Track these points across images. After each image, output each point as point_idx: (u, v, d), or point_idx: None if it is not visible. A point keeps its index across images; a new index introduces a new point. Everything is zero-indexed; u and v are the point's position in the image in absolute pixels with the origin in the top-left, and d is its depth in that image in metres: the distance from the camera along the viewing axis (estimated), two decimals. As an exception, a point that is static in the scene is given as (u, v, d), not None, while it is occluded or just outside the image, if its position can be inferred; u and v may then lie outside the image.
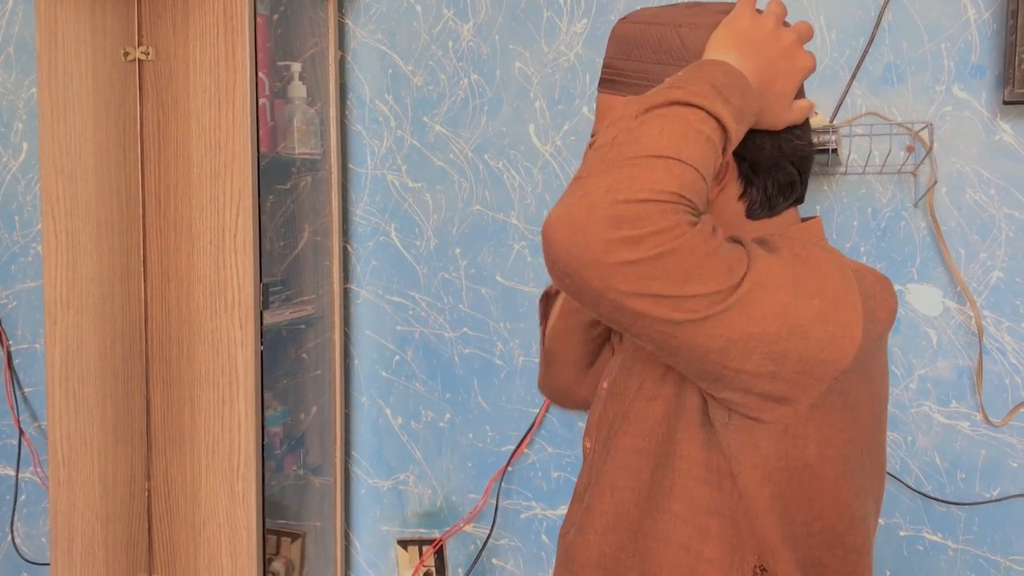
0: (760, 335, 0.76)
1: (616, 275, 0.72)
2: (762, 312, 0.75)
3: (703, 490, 0.87)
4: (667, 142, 0.75)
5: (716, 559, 0.87)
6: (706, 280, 0.74)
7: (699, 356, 0.77)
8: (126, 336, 1.48)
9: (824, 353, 0.78)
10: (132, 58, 1.44)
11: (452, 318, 1.71)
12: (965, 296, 1.42)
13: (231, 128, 1.39)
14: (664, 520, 0.89)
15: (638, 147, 0.75)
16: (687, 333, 0.75)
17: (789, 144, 0.91)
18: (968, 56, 1.41)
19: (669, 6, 0.94)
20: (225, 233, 1.40)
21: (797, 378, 0.79)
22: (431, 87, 1.69)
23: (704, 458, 0.87)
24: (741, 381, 0.79)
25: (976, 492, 1.44)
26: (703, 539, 0.88)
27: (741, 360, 0.77)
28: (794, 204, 0.95)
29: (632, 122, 0.77)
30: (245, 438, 1.40)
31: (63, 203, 1.48)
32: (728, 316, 0.75)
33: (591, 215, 0.72)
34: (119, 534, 1.49)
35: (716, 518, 0.87)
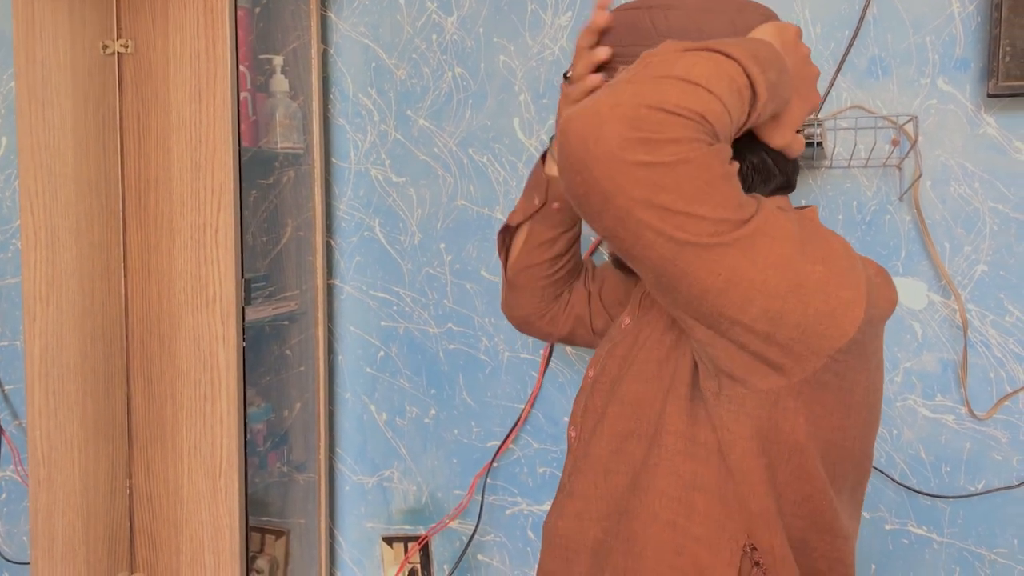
0: (760, 284, 0.75)
1: (628, 176, 0.71)
2: (765, 260, 0.74)
3: (688, 465, 0.86)
4: (700, 73, 0.74)
5: (703, 536, 0.86)
6: (715, 204, 0.73)
7: (698, 293, 0.76)
8: (106, 332, 1.46)
9: (822, 326, 0.77)
10: (111, 51, 1.43)
11: (437, 313, 1.70)
12: (950, 289, 1.43)
13: (212, 122, 1.37)
14: (649, 498, 0.88)
15: (671, 69, 0.74)
16: (688, 258, 0.74)
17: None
18: (952, 49, 1.41)
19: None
20: (206, 228, 1.38)
21: (792, 346, 0.78)
22: (415, 81, 1.68)
23: (691, 433, 0.86)
24: (736, 333, 0.78)
25: (961, 485, 1.45)
26: (689, 516, 0.86)
27: (739, 309, 0.76)
28: (780, 192, 0.95)
29: (668, 55, 0.76)
30: (227, 435, 1.39)
31: (42, 198, 1.47)
32: (730, 252, 0.74)
33: (613, 111, 0.71)
34: (100, 532, 1.48)
35: (702, 494, 0.86)
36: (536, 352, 1.64)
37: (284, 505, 1.73)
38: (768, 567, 0.85)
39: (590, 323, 1.24)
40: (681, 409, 0.87)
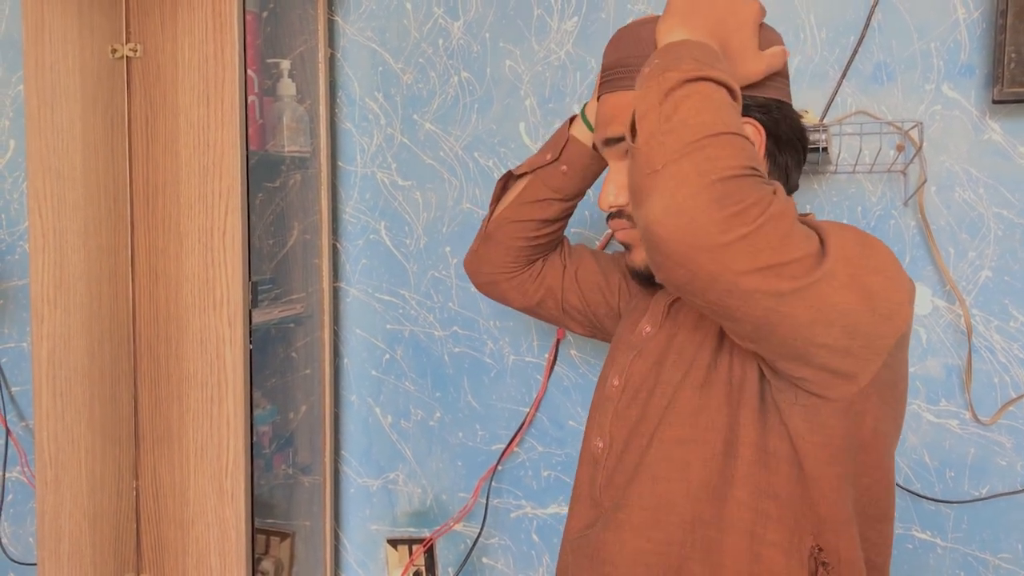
0: (841, 306, 0.77)
1: (732, 254, 0.73)
2: (840, 282, 0.77)
3: (763, 475, 0.89)
4: (711, 119, 0.76)
5: (778, 542, 0.88)
6: (799, 243, 0.75)
7: (791, 334, 0.78)
8: (114, 335, 1.47)
9: (884, 327, 0.80)
10: (120, 55, 1.43)
11: (442, 317, 1.70)
12: (954, 295, 1.43)
13: (220, 126, 1.38)
14: (728, 508, 0.90)
15: (693, 131, 0.75)
16: (790, 305, 0.76)
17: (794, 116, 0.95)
18: (957, 55, 1.41)
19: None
20: (214, 231, 1.39)
21: (863, 352, 0.81)
22: (421, 85, 1.68)
23: (763, 443, 0.89)
24: (821, 357, 0.80)
25: (965, 490, 1.45)
26: (765, 524, 0.89)
27: (824, 334, 0.78)
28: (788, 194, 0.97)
29: (662, 109, 0.77)
30: (234, 437, 1.39)
31: (50, 201, 1.47)
32: (822, 284, 0.76)
33: (696, 200, 0.72)
34: (107, 534, 1.48)
35: (775, 501, 0.88)
36: (541, 355, 1.64)
37: (289, 507, 1.73)
38: (833, 567, 0.88)
39: (561, 298, 1.25)
40: (754, 421, 0.89)
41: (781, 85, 0.96)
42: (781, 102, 0.94)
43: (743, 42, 0.89)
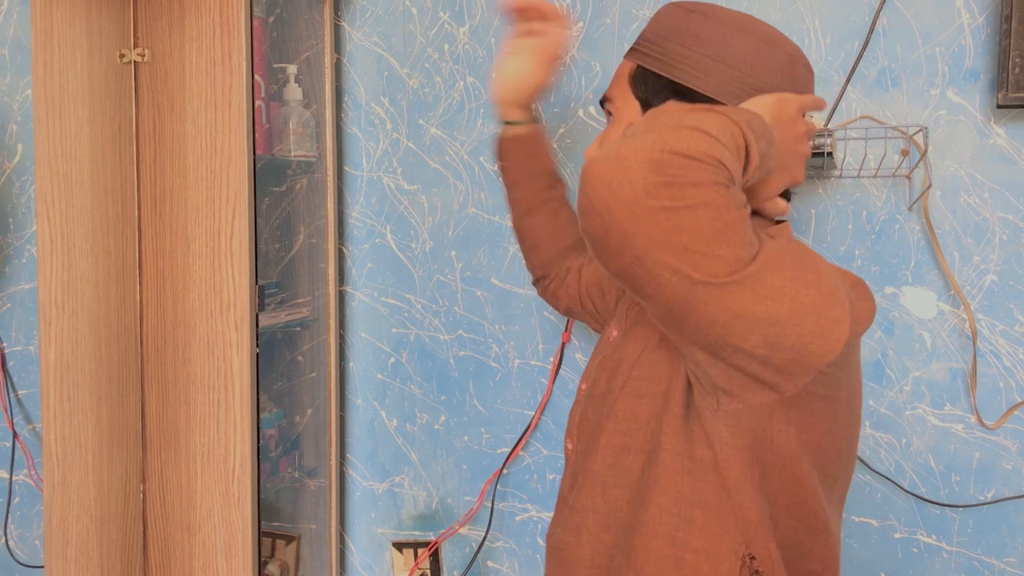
0: (763, 315, 0.77)
1: (650, 219, 0.73)
2: (767, 292, 0.77)
3: (687, 481, 0.90)
4: (711, 125, 0.77)
5: (702, 549, 0.89)
6: (732, 244, 0.75)
7: (704, 325, 0.78)
8: (121, 338, 1.47)
9: (814, 345, 0.80)
10: (128, 60, 1.44)
11: (447, 320, 1.71)
12: (959, 299, 1.43)
13: (227, 130, 1.38)
14: (649, 514, 0.91)
15: (684, 120, 0.77)
16: (701, 295, 0.76)
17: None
18: (962, 60, 1.41)
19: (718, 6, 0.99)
20: (221, 235, 1.39)
21: (786, 366, 0.81)
22: (427, 90, 1.69)
23: (688, 450, 0.90)
24: (736, 358, 0.81)
25: (970, 494, 1.45)
26: (689, 530, 0.90)
27: (741, 338, 0.78)
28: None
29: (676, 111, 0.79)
30: (241, 440, 1.40)
31: (58, 205, 1.48)
32: (740, 288, 0.76)
33: (636, 155, 0.74)
34: (114, 537, 1.49)
35: (700, 508, 0.89)
36: (546, 359, 1.65)
37: (295, 510, 1.74)
38: (767, 574, 0.88)
39: (580, 299, 1.31)
40: (677, 428, 0.90)
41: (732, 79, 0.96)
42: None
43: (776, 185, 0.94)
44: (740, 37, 0.94)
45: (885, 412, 1.48)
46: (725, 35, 0.94)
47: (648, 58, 0.98)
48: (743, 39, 0.94)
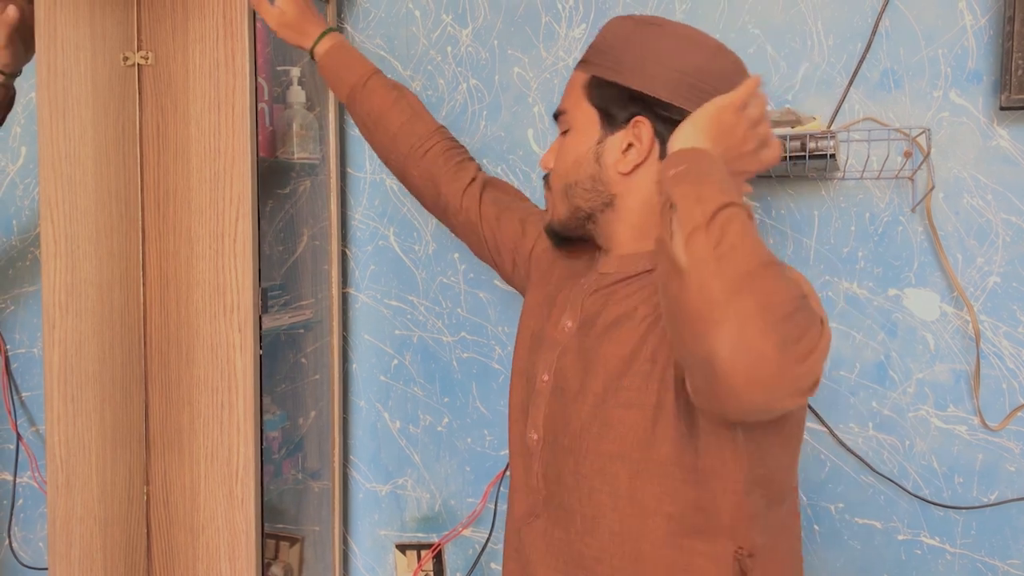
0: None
1: (787, 382, 0.76)
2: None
3: (685, 489, 0.93)
4: (756, 248, 0.79)
5: (706, 551, 0.93)
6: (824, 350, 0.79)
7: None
8: (125, 340, 1.48)
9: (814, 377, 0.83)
10: (131, 63, 1.45)
11: (450, 322, 1.71)
12: (962, 301, 1.43)
13: (231, 133, 1.39)
14: (655, 522, 0.94)
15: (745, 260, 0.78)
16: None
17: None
18: (965, 62, 1.41)
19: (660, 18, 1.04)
20: (224, 237, 1.40)
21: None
22: (430, 92, 1.69)
23: (681, 459, 0.93)
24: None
25: (974, 496, 1.45)
26: (695, 535, 0.93)
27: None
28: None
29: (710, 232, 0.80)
30: (244, 442, 1.40)
31: (62, 207, 1.48)
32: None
33: (764, 340, 0.74)
34: (117, 538, 1.49)
35: (701, 514, 0.93)
36: (549, 361, 1.65)
37: (298, 512, 1.74)
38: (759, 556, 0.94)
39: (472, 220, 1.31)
40: (672, 439, 0.93)
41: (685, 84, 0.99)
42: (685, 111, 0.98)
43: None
44: (692, 48, 0.99)
45: (888, 414, 1.48)
46: (678, 46, 0.99)
47: (603, 68, 1.02)
48: (695, 49, 0.99)
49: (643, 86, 0.98)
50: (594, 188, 1.02)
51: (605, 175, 1.01)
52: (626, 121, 1.00)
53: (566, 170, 1.04)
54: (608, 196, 1.02)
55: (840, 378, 1.50)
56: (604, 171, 1.01)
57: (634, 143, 0.99)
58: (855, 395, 1.49)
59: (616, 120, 1.00)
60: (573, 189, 1.04)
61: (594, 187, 1.02)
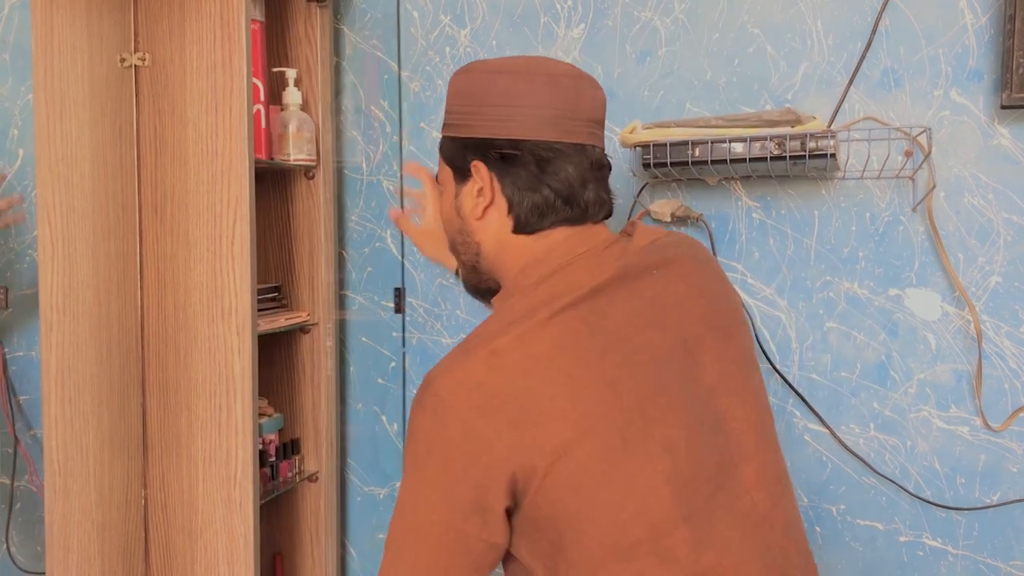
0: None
1: None
2: None
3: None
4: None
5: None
6: None
7: None
8: (122, 343, 1.47)
9: None
10: (128, 64, 1.44)
11: (449, 324, 1.70)
12: (964, 300, 1.42)
13: (228, 134, 1.38)
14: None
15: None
16: None
17: (549, 165, 0.99)
18: (966, 61, 1.41)
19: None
20: (222, 240, 1.39)
21: None
22: (428, 93, 1.69)
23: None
24: None
25: (976, 497, 1.44)
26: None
27: None
28: (568, 224, 1.02)
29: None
30: (242, 445, 1.39)
31: (59, 210, 1.48)
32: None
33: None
34: (116, 542, 1.48)
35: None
36: (549, 363, 1.64)
37: (296, 516, 1.73)
38: None
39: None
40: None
41: (529, 125, 0.99)
42: (531, 142, 0.98)
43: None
44: (496, 77, 1.00)
45: (890, 415, 1.47)
46: (483, 81, 1.00)
47: (446, 127, 1.06)
48: (498, 78, 0.99)
49: (467, 132, 1.01)
50: (464, 240, 1.05)
51: (468, 226, 1.04)
52: (469, 169, 1.02)
53: (444, 231, 1.09)
54: (475, 245, 1.05)
55: (841, 379, 1.49)
56: (465, 222, 1.04)
57: (483, 187, 1.01)
58: (856, 396, 1.48)
59: (462, 170, 1.03)
60: (454, 246, 1.08)
61: (464, 239, 1.05)
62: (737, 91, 1.50)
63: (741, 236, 1.52)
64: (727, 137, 1.36)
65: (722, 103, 1.51)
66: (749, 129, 1.36)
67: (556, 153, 0.99)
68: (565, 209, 1.00)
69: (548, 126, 0.99)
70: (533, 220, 1.00)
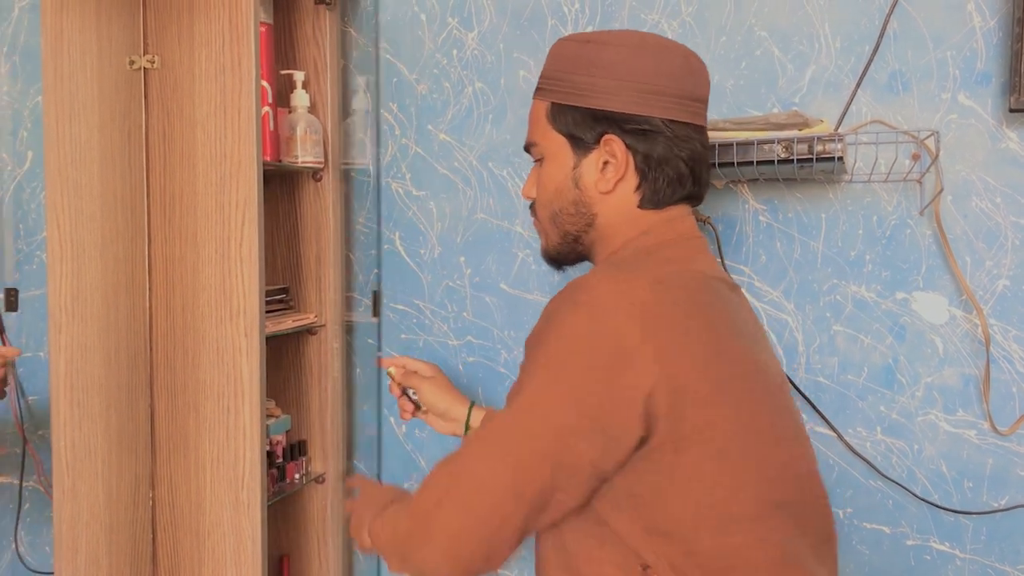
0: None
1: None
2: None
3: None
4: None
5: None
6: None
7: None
8: (131, 345, 1.47)
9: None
10: (137, 67, 1.44)
11: (456, 326, 1.70)
12: (971, 304, 1.42)
13: (236, 136, 1.38)
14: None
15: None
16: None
17: (683, 143, 1.02)
18: (974, 64, 1.41)
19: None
20: (230, 241, 1.39)
21: None
22: (435, 95, 1.69)
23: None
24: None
25: (984, 501, 1.44)
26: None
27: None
28: (687, 202, 1.06)
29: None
30: (250, 447, 1.40)
31: (68, 212, 1.48)
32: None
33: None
34: (123, 543, 1.49)
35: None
36: (555, 365, 1.64)
37: (303, 517, 1.73)
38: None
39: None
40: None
41: (665, 104, 1.01)
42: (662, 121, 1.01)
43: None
44: (636, 53, 1.01)
45: (896, 418, 1.47)
46: (623, 55, 1.01)
47: (560, 94, 1.05)
48: (639, 54, 1.01)
49: (600, 103, 1.01)
50: (578, 211, 1.06)
51: (586, 197, 1.05)
52: (595, 141, 1.03)
53: (549, 199, 1.08)
54: (590, 216, 1.06)
55: (848, 382, 1.49)
56: (584, 193, 1.05)
57: (609, 160, 1.03)
58: (863, 399, 1.48)
59: (584, 142, 1.04)
60: (559, 216, 1.07)
61: (578, 210, 1.06)
62: (744, 94, 1.50)
63: (748, 239, 1.52)
64: (734, 140, 1.36)
65: (729, 106, 1.51)
66: (756, 132, 1.37)
67: (687, 132, 1.02)
68: (691, 187, 1.04)
69: (682, 107, 1.02)
70: (664, 196, 1.03)
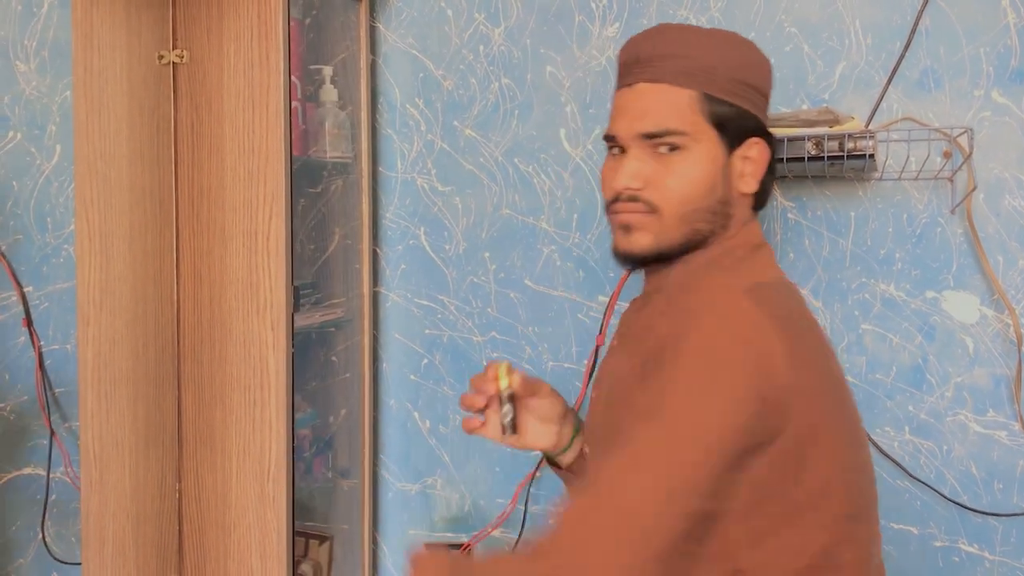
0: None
1: None
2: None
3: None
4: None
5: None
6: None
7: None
8: (158, 338, 1.48)
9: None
10: (166, 61, 1.45)
11: (481, 322, 1.70)
12: (1003, 303, 1.40)
13: (264, 131, 1.39)
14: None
15: None
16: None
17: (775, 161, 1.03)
18: (1008, 60, 1.39)
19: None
20: (258, 236, 1.40)
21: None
22: (462, 91, 1.69)
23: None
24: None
25: (1014, 503, 1.42)
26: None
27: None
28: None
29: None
30: (276, 440, 1.40)
31: (97, 205, 1.49)
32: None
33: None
34: (150, 535, 1.50)
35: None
36: (580, 362, 1.64)
37: (328, 510, 1.74)
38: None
39: None
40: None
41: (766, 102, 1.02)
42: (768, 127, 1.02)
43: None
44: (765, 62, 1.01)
45: (925, 418, 1.45)
46: (762, 58, 1.01)
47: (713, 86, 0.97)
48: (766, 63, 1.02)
49: (750, 107, 0.98)
50: (722, 211, 0.98)
51: (730, 196, 0.98)
52: (740, 140, 0.98)
53: (688, 195, 0.96)
54: (727, 217, 0.98)
55: (876, 381, 1.47)
56: (731, 192, 0.98)
57: (756, 167, 0.99)
58: (891, 398, 1.47)
59: (731, 140, 0.97)
60: (697, 213, 0.96)
61: (722, 209, 0.97)
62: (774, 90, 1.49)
63: (776, 236, 1.51)
64: (764, 137, 1.35)
65: (758, 102, 1.50)
66: (786, 129, 1.35)
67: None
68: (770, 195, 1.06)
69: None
70: (766, 201, 1.04)
